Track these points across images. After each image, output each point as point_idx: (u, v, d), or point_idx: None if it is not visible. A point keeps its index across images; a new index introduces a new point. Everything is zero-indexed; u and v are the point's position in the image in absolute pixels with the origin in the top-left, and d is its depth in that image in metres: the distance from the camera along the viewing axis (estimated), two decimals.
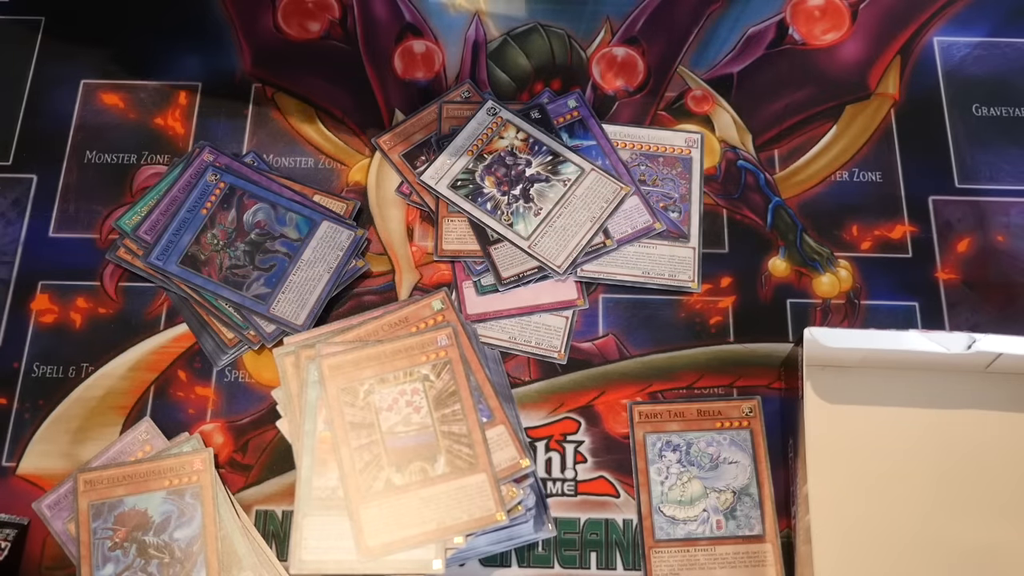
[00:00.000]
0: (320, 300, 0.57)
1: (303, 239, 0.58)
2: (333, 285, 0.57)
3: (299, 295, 0.57)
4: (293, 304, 0.56)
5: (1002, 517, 0.52)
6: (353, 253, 0.58)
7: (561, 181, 0.58)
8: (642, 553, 0.52)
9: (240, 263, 0.57)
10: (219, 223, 0.58)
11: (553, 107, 0.61)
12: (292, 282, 0.57)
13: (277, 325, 0.56)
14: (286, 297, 0.56)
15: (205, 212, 0.58)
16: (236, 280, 0.57)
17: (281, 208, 0.59)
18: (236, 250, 0.58)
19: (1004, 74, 0.64)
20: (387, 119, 0.63)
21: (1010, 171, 0.61)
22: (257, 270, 0.57)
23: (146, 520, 0.52)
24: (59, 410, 0.56)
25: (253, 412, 0.56)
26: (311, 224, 0.58)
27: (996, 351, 0.51)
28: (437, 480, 0.51)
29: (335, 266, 0.57)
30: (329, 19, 0.66)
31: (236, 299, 0.56)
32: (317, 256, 0.58)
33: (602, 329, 0.58)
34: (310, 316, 0.56)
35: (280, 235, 0.58)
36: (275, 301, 0.56)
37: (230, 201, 0.59)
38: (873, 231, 0.60)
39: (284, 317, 0.56)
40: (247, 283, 0.57)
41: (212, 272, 0.57)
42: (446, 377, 0.53)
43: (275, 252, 0.58)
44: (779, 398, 0.56)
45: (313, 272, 0.57)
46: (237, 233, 0.58)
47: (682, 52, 0.64)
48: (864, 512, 0.53)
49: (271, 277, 0.57)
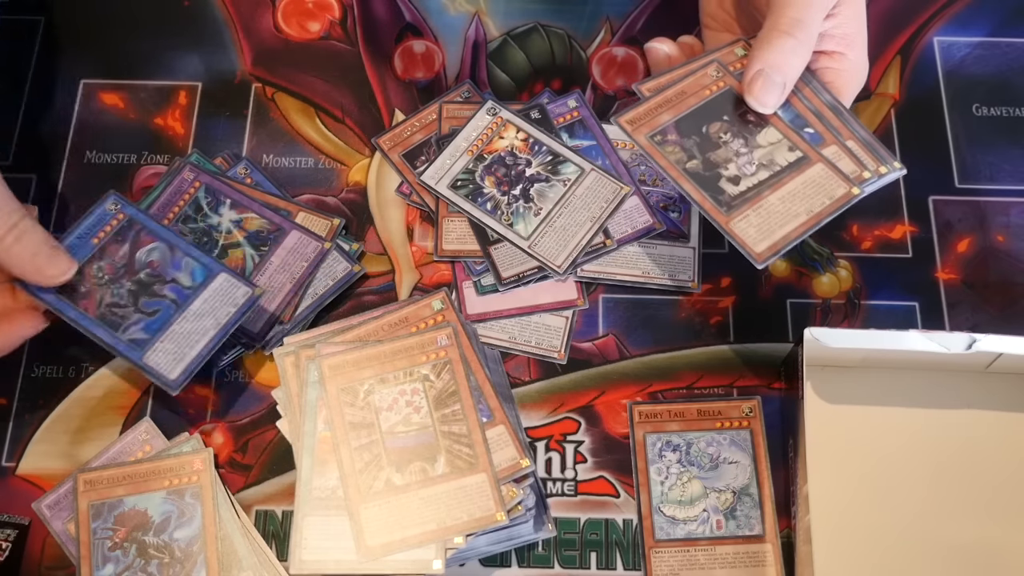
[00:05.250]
0: (200, 356, 0.52)
1: (195, 288, 0.53)
2: (217, 343, 0.52)
3: (179, 347, 0.52)
4: (170, 355, 0.52)
5: (1003, 517, 0.52)
6: (245, 313, 0.53)
7: (561, 181, 0.58)
8: (642, 553, 0.52)
9: (122, 302, 0.53)
10: (108, 255, 0.54)
11: (553, 107, 0.61)
12: (174, 332, 0.52)
13: (152, 376, 0.52)
14: (164, 347, 0.52)
15: (97, 241, 0.54)
16: (113, 320, 0.52)
17: (179, 251, 0.54)
18: (121, 287, 0.53)
19: (1004, 74, 0.64)
20: (387, 119, 0.63)
21: (1010, 171, 0.61)
22: (139, 312, 0.53)
23: (146, 520, 0.52)
24: (59, 410, 0.56)
25: (253, 412, 0.56)
26: (207, 273, 0.54)
27: (996, 351, 0.51)
28: (437, 480, 0.51)
29: (223, 322, 0.52)
30: (329, 19, 0.66)
31: (109, 341, 0.52)
32: (207, 308, 0.53)
33: (602, 329, 0.58)
34: (185, 372, 0.51)
35: (172, 279, 0.54)
36: (151, 349, 0.52)
37: (125, 234, 0.54)
38: (873, 231, 0.60)
39: (156, 368, 0.51)
40: (124, 325, 0.52)
41: (90, 307, 0.52)
42: (446, 377, 0.53)
43: (162, 297, 0.53)
44: (779, 398, 0.56)
45: (200, 325, 0.52)
46: (125, 269, 0.53)
47: None
48: (864, 512, 0.53)
49: (152, 323, 0.52)
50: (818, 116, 0.50)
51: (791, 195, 0.48)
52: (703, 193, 0.49)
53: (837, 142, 0.49)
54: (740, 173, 0.49)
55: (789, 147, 0.49)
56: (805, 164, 0.49)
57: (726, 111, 0.51)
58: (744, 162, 0.49)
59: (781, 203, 0.48)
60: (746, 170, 0.49)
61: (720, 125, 0.50)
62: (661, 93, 0.52)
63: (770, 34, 0.49)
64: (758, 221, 0.48)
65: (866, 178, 0.48)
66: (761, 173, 0.49)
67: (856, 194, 0.48)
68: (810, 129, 0.50)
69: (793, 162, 0.49)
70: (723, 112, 0.51)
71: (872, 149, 0.49)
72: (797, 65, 0.49)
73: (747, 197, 0.48)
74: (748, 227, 0.48)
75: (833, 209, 0.48)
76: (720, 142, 0.50)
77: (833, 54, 0.51)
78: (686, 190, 0.49)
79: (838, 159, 0.49)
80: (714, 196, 0.49)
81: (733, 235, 0.48)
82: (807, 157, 0.49)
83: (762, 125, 0.50)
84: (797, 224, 0.47)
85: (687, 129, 0.50)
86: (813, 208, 0.48)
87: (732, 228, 0.48)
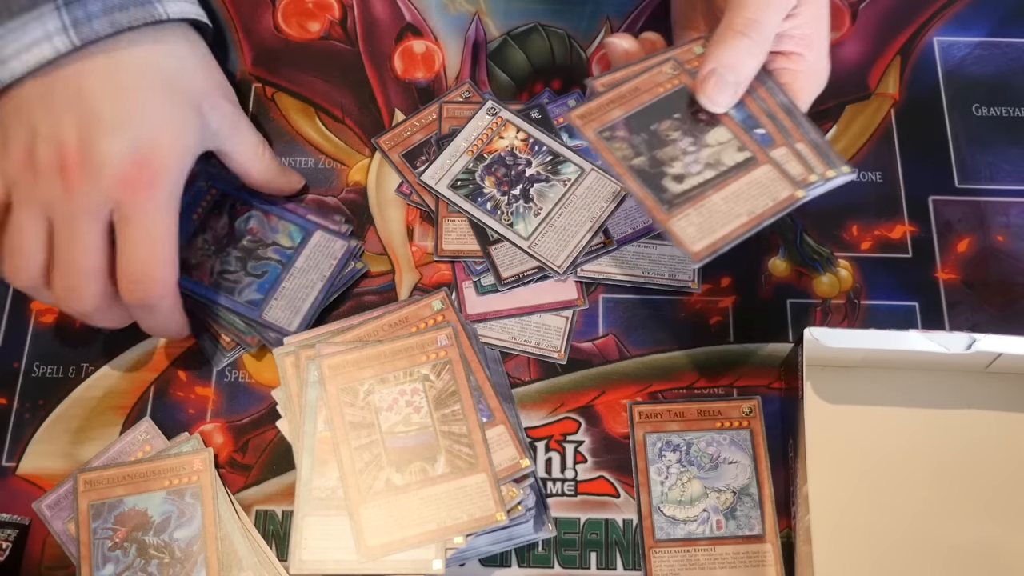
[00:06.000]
0: (314, 307, 0.56)
1: (296, 247, 0.58)
2: (327, 293, 0.57)
3: (291, 302, 0.56)
4: (286, 310, 0.56)
5: (1003, 517, 0.52)
6: (345, 265, 0.58)
7: (561, 181, 0.58)
8: (642, 553, 0.52)
9: (232, 268, 0.57)
10: (210, 228, 0.58)
11: (553, 107, 0.61)
12: (285, 289, 0.57)
13: (272, 331, 0.56)
14: (278, 303, 0.56)
15: (196, 218, 0.58)
16: (228, 285, 0.57)
17: (274, 216, 0.59)
18: (228, 255, 0.58)
19: (1004, 74, 0.64)
20: (387, 119, 0.63)
21: (1010, 171, 0.61)
22: (249, 276, 0.57)
23: (146, 520, 0.52)
24: (59, 410, 0.56)
25: (253, 412, 0.56)
26: (304, 232, 0.58)
27: (996, 351, 0.51)
28: (437, 480, 0.51)
29: (328, 275, 0.57)
30: (329, 19, 0.66)
31: (227, 304, 0.56)
32: (310, 264, 0.58)
33: (602, 329, 0.58)
34: (303, 322, 0.56)
35: (273, 242, 0.58)
36: (267, 307, 0.56)
37: (221, 207, 0.59)
38: (873, 231, 0.60)
39: (276, 323, 0.56)
40: (239, 288, 0.57)
41: (204, 277, 0.57)
42: (446, 377, 0.53)
43: (268, 259, 0.58)
44: (779, 398, 0.56)
45: (307, 279, 0.57)
46: (228, 239, 0.58)
47: None
48: (864, 512, 0.53)
49: (263, 283, 0.57)
50: (771, 117, 0.50)
51: (734, 195, 0.47)
52: (646, 190, 0.48)
53: (787, 144, 0.49)
54: (685, 172, 0.48)
55: (738, 147, 0.49)
56: (752, 165, 0.48)
57: (678, 109, 0.50)
58: (691, 161, 0.48)
59: (724, 203, 0.47)
60: (692, 169, 0.48)
61: (670, 123, 0.50)
62: (614, 89, 0.51)
63: (725, 33, 0.48)
64: (699, 220, 0.47)
65: (812, 181, 0.48)
66: (707, 172, 0.48)
67: (800, 196, 0.47)
68: (761, 130, 0.49)
69: (740, 162, 0.48)
70: (675, 110, 0.50)
71: (821, 152, 0.49)
72: (751, 65, 0.49)
73: (690, 196, 0.48)
74: (688, 226, 0.47)
75: (776, 211, 0.47)
76: (668, 140, 0.49)
77: (791, 55, 0.50)
78: (629, 187, 0.49)
79: (786, 161, 0.48)
80: (657, 194, 0.48)
81: (672, 233, 0.47)
82: (754, 158, 0.48)
83: (713, 124, 0.50)
84: (738, 224, 0.47)
85: (637, 126, 0.50)
86: (755, 209, 0.47)
87: (671, 227, 0.47)
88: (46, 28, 0.48)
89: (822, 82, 0.52)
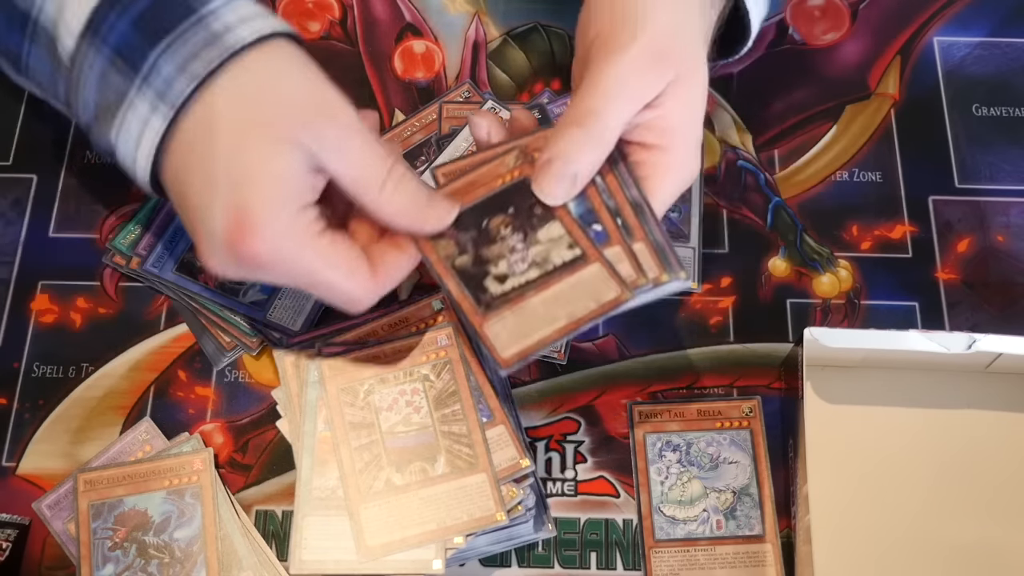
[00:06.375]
0: (316, 307, 0.56)
1: None
2: None
3: (295, 302, 0.56)
4: (290, 310, 0.56)
5: (1003, 517, 0.52)
6: None
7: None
8: (642, 553, 0.52)
9: None
10: None
11: (553, 107, 0.61)
12: (287, 290, 0.57)
13: (276, 331, 0.56)
14: (282, 304, 0.56)
15: None
16: (232, 287, 0.57)
17: None
18: None
19: (1004, 74, 0.64)
20: (387, 119, 0.63)
21: (1010, 171, 0.61)
22: None
23: (146, 520, 0.52)
24: (59, 410, 0.56)
25: (253, 412, 0.56)
26: None
27: (996, 351, 0.51)
28: (437, 480, 0.51)
29: None
30: (329, 19, 0.66)
31: (232, 305, 0.56)
32: None
33: (602, 329, 0.58)
34: (307, 322, 0.56)
35: None
36: (272, 308, 0.56)
37: None
38: (873, 231, 0.60)
39: (280, 323, 0.56)
40: (243, 290, 0.57)
41: (208, 280, 0.57)
42: (446, 377, 0.53)
43: None
44: (779, 398, 0.56)
45: None
46: None
47: None
48: (864, 512, 0.53)
49: (267, 285, 0.57)
50: (614, 213, 0.45)
51: (555, 297, 0.44)
52: (464, 292, 0.45)
53: (622, 243, 0.45)
54: (509, 271, 0.45)
55: (569, 244, 0.45)
56: (580, 264, 0.44)
57: (513, 203, 0.46)
58: (516, 259, 0.45)
59: (543, 306, 0.44)
60: (516, 268, 0.45)
61: (502, 219, 0.46)
62: (452, 183, 0.47)
63: (563, 121, 0.44)
64: (513, 324, 0.44)
65: (641, 284, 0.44)
66: (531, 272, 0.45)
67: (626, 299, 0.43)
68: (598, 226, 0.45)
69: (568, 261, 0.45)
70: (511, 204, 0.46)
71: (661, 254, 0.44)
72: (590, 158, 0.44)
73: (509, 298, 0.45)
74: (501, 330, 0.44)
75: (598, 314, 0.44)
76: (498, 237, 0.46)
77: (651, 147, 0.46)
78: (448, 288, 0.45)
79: (618, 261, 0.44)
80: (475, 295, 0.45)
81: (484, 338, 0.44)
82: (584, 256, 0.44)
83: (547, 219, 0.45)
84: (554, 329, 0.44)
85: (467, 222, 0.46)
86: (575, 313, 0.44)
87: (484, 331, 0.44)
88: (139, 114, 0.43)
89: (686, 179, 0.47)
